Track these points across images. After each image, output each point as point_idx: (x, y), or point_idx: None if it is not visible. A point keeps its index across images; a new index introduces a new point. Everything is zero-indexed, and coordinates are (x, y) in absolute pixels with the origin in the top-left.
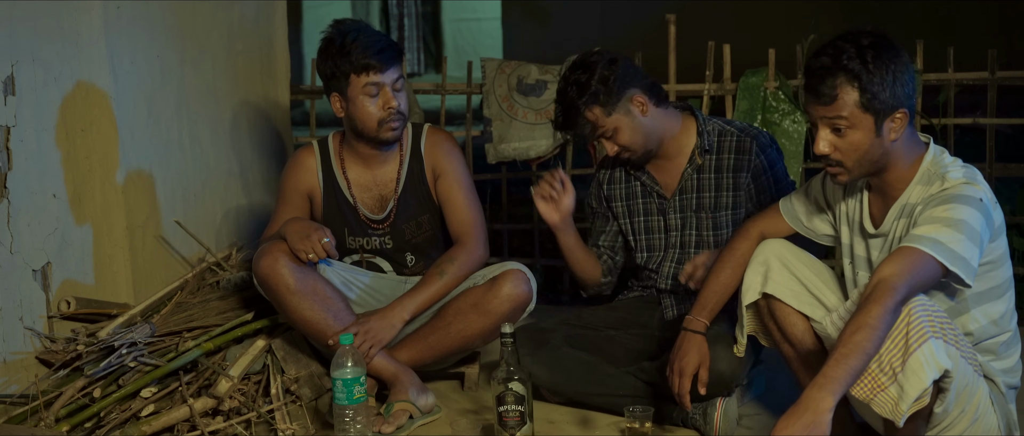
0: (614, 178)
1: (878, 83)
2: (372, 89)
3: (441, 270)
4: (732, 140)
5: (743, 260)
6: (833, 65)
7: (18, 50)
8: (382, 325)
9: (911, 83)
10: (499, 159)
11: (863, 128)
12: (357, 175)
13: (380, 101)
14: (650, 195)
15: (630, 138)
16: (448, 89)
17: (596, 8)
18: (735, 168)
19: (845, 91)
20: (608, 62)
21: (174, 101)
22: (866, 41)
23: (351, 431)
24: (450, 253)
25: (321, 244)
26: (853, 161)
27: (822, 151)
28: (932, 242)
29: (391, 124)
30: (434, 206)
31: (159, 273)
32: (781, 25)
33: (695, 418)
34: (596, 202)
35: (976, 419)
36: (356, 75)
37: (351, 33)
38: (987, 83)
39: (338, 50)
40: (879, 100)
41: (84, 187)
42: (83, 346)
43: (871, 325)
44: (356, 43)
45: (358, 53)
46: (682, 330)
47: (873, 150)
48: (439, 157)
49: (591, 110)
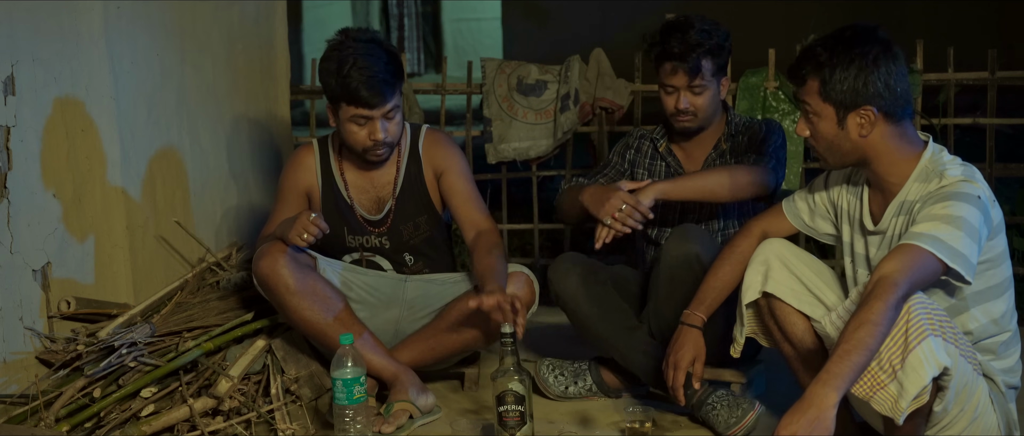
0: (642, 149)
1: (838, 77)
2: (360, 120)
3: (496, 251)
4: (752, 127)
5: (744, 258)
6: (808, 51)
7: (18, 50)
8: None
9: (886, 86)
10: (499, 159)
11: (826, 118)
12: (354, 176)
13: (366, 131)
14: (672, 177)
15: (708, 105)
16: (448, 89)
17: (596, 8)
18: (747, 148)
19: (810, 79)
20: (725, 33)
21: (174, 101)
22: (847, 33)
23: (351, 431)
24: (484, 245)
25: (310, 221)
26: (822, 149)
27: (801, 133)
28: (932, 239)
29: (376, 151)
30: (432, 207)
31: (159, 273)
32: (781, 25)
33: (715, 409)
34: (618, 158)
35: (975, 418)
36: (347, 104)
37: (349, 60)
38: (987, 83)
39: (335, 73)
40: (837, 92)
41: (84, 187)
42: (83, 346)
43: (873, 321)
44: (352, 74)
45: (352, 86)
46: (679, 324)
47: (839, 142)
48: (438, 157)
49: (706, 61)
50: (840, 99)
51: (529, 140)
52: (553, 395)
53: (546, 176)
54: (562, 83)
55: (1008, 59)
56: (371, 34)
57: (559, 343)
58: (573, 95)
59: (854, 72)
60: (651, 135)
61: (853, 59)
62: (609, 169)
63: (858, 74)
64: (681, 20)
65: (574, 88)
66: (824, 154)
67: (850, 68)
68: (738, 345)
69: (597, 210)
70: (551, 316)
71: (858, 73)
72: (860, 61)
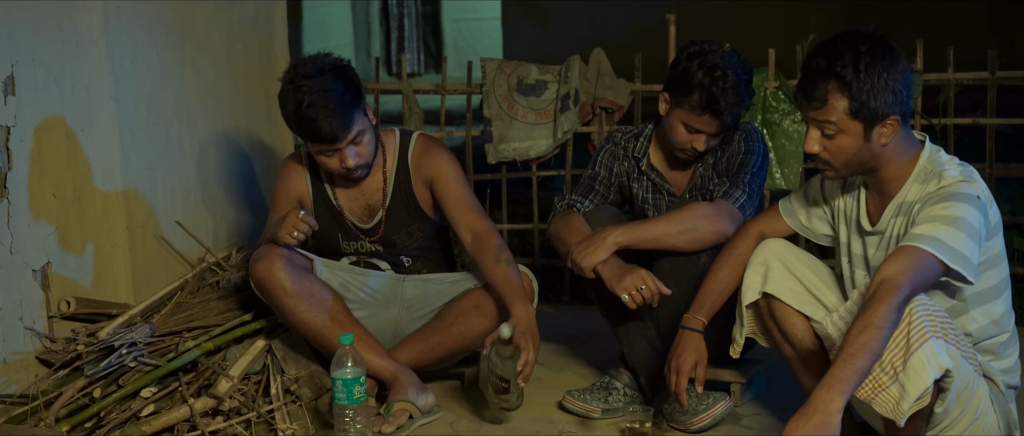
0: (625, 167)
1: (868, 92)
2: (327, 152)
3: (502, 256)
4: (732, 145)
5: (742, 260)
6: (826, 69)
7: (18, 50)
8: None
9: (905, 89)
10: (499, 159)
11: (851, 134)
12: (343, 185)
13: (336, 159)
14: (660, 192)
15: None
16: (448, 89)
17: (596, 8)
18: (724, 171)
19: (835, 97)
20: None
21: (174, 101)
22: (864, 46)
23: (351, 431)
24: (487, 251)
25: (300, 219)
26: (840, 163)
27: (811, 150)
28: (933, 240)
29: (351, 175)
30: (424, 215)
31: (159, 273)
32: (781, 25)
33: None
34: (605, 171)
35: (976, 418)
36: (310, 142)
37: (305, 100)
38: (987, 83)
39: (293, 115)
40: (868, 108)
41: (84, 187)
42: (83, 346)
43: (877, 324)
44: (307, 114)
45: (311, 126)
46: (680, 328)
47: (861, 154)
48: (426, 166)
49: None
50: (870, 114)
51: (529, 140)
52: (599, 413)
53: (546, 176)
54: (562, 83)
55: (1008, 59)
56: (320, 65)
57: (559, 342)
58: (573, 95)
59: (883, 85)
60: (633, 153)
61: (880, 73)
62: (598, 184)
63: (887, 86)
64: (726, 71)
65: (574, 88)
66: (839, 168)
67: (879, 82)
68: (738, 345)
69: (615, 285)
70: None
71: (887, 85)
72: (887, 72)
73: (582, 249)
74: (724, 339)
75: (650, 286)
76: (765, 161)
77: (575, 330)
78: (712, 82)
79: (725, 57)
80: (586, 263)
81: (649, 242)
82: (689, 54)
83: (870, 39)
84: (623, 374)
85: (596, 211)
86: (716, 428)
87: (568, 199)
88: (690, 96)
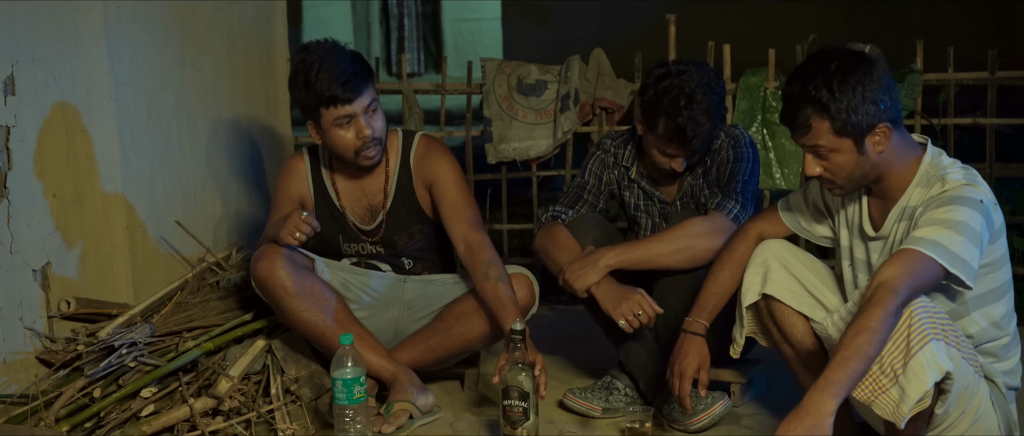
0: (615, 176)
1: (847, 108)
2: (343, 121)
3: (492, 272)
4: (722, 153)
5: (742, 261)
6: (801, 95)
7: (18, 50)
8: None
9: (888, 95)
10: (499, 159)
11: (844, 151)
12: (346, 185)
13: (353, 130)
14: (651, 199)
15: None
16: (448, 89)
17: (596, 8)
18: (715, 181)
19: (817, 121)
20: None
21: (174, 101)
22: (833, 64)
23: (351, 431)
24: (478, 265)
25: (302, 220)
26: (843, 179)
27: (813, 173)
28: (933, 244)
29: (367, 152)
30: (425, 217)
31: (159, 273)
32: (781, 25)
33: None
34: (595, 180)
35: (977, 420)
36: (325, 108)
37: (315, 65)
38: (987, 83)
39: (304, 83)
40: (852, 124)
41: (84, 187)
42: (83, 346)
43: (872, 328)
44: (320, 76)
45: (323, 87)
46: (681, 332)
47: (861, 166)
48: (427, 168)
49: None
50: (856, 129)
51: (529, 140)
52: (600, 412)
53: (546, 176)
54: (562, 83)
55: (1008, 59)
56: (330, 41)
57: (558, 343)
58: (573, 95)
59: (859, 97)
60: (622, 161)
61: (854, 86)
62: (587, 193)
63: (863, 98)
64: (694, 95)
65: (574, 88)
66: (843, 183)
67: (854, 96)
68: (738, 346)
69: (611, 310)
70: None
71: (863, 97)
72: (860, 85)
73: (575, 271)
74: (724, 339)
75: (647, 310)
76: (756, 166)
77: (574, 330)
78: (677, 111)
79: (693, 79)
80: (579, 285)
81: (642, 263)
82: (656, 78)
83: (838, 55)
84: (624, 375)
85: (579, 221)
86: (716, 428)
87: (553, 210)
88: (656, 126)
